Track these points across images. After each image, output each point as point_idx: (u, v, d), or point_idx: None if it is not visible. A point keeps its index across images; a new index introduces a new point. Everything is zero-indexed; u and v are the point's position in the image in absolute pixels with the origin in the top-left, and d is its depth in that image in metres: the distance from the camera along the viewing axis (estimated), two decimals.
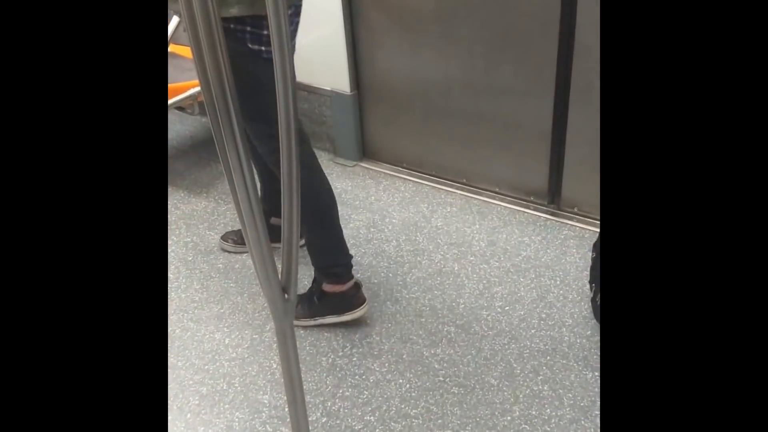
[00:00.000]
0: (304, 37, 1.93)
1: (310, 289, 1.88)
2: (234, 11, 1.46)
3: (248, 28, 1.50)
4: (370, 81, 2.47)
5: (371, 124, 2.57)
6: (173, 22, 2.22)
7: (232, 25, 1.48)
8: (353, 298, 1.84)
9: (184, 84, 2.34)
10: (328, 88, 2.50)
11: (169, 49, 2.26)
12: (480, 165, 2.40)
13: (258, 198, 1.02)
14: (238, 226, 2.23)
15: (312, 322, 1.87)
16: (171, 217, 2.35)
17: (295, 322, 1.76)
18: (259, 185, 1.73)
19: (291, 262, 1.06)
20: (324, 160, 2.59)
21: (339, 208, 1.80)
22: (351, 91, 2.48)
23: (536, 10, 2.03)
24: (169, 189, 2.50)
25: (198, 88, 2.30)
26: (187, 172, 2.63)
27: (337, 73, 2.46)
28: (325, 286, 1.83)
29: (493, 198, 2.39)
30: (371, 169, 2.58)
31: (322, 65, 2.47)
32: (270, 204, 1.87)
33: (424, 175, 2.51)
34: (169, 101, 2.28)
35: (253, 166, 1.49)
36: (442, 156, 2.46)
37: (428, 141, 2.45)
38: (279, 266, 1.05)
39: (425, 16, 2.23)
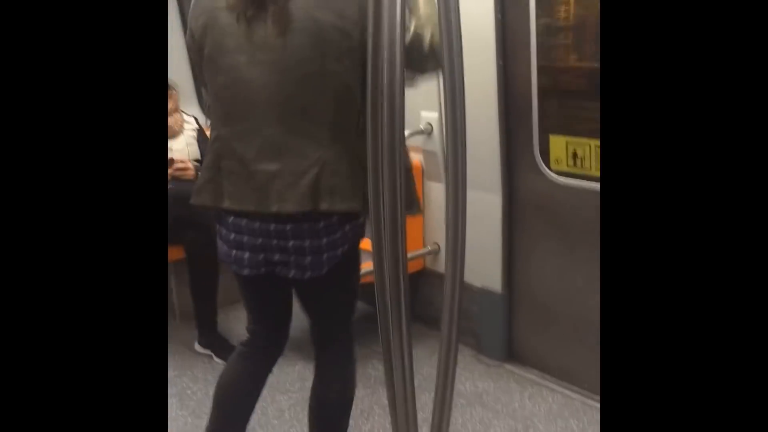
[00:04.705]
0: None
1: None
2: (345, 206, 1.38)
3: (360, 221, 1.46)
4: (523, 283, 2.46)
5: (520, 326, 2.50)
6: None
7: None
8: None
9: None
10: (478, 285, 2.52)
11: None
12: None
13: (413, 389, 1.00)
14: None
15: None
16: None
17: None
18: None
19: None
20: (466, 356, 2.54)
21: (479, 410, 1.70)
22: (502, 291, 2.48)
23: None
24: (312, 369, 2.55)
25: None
26: None
27: (490, 272, 2.49)
28: None
29: None
30: (516, 373, 2.45)
31: (475, 262, 2.51)
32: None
33: (575, 388, 2.33)
34: None
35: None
36: (596, 371, 2.29)
37: (580, 353, 2.32)
38: None
39: (583, 227, 2.25)
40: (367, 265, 2.43)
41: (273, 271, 1.46)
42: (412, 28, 1.29)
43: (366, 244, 2.34)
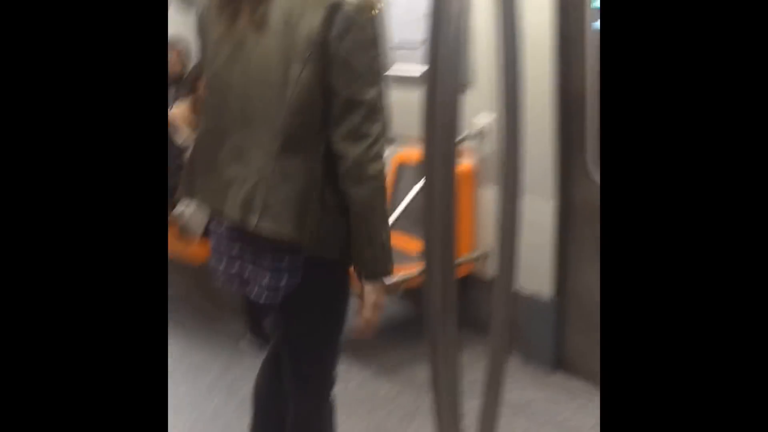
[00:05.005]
0: None
1: None
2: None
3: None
4: (573, 291, 2.40)
5: (570, 335, 2.45)
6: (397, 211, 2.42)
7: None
8: None
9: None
10: (528, 291, 2.48)
11: None
12: None
13: (459, 395, 1.00)
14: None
15: None
16: (354, 397, 2.37)
17: None
18: None
19: None
20: (514, 364, 2.49)
21: (524, 420, 1.66)
22: (552, 298, 2.43)
23: None
24: (357, 368, 2.57)
25: (404, 276, 2.44)
26: (376, 353, 2.69)
27: (539, 278, 2.45)
28: None
29: None
30: (566, 383, 2.40)
31: (525, 267, 2.47)
32: None
33: None
34: None
35: None
36: None
37: None
38: None
39: None
40: (411, 269, 2.44)
41: (244, 289, 1.36)
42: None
43: (414, 245, 2.31)
